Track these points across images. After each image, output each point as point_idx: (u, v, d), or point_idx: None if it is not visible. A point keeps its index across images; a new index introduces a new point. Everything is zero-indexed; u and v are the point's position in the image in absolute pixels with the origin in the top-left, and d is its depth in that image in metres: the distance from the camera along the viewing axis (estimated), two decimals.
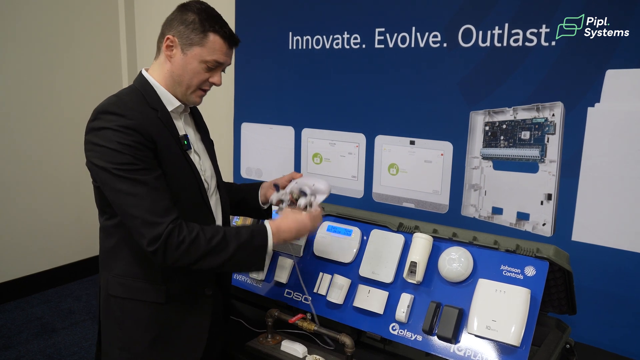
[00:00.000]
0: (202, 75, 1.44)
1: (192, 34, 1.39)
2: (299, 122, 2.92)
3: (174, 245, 1.30)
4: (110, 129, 1.30)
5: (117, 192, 1.31)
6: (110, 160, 1.30)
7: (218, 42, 1.41)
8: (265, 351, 1.62)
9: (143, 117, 1.36)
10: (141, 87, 1.44)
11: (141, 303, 1.45)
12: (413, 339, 1.54)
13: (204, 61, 1.41)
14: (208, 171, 1.57)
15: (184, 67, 1.42)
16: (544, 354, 1.54)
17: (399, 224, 1.72)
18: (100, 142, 1.31)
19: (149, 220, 1.29)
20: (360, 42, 2.60)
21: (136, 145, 1.31)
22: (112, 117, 1.32)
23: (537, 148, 2.14)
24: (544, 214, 2.16)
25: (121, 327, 1.47)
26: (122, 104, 1.36)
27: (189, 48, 1.40)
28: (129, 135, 1.30)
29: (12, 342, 3.15)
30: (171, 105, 1.46)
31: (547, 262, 1.47)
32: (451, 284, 1.56)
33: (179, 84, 1.44)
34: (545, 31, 2.08)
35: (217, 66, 1.45)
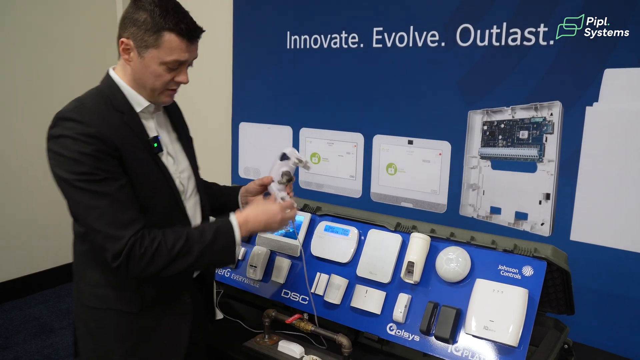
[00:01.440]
0: (165, 77, 1.34)
1: (145, 35, 1.28)
2: (297, 121, 2.91)
3: (136, 258, 1.25)
4: (69, 137, 1.24)
5: (78, 204, 1.27)
6: (70, 170, 1.24)
7: (174, 41, 1.29)
8: (262, 351, 1.61)
9: (105, 123, 1.28)
10: (107, 88, 1.36)
11: (115, 312, 1.39)
12: (410, 339, 1.54)
13: (163, 63, 1.31)
14: (185, 172, 1.50)
15: (144, 71, 1.32)
16: (542, 354, 1.54)
17: (396, 224, 1.72)
18: (59, 151, 1.25)
19: (111, 234, 1.24)
20: (358, 42, 2.60)
21: (97, 155, 1.23)
22: (71, 124, 1.25)
23: (536, 147, 2.14)
24: (543, 213, 2.15)
25: (95, 338, 1.42)
26: (83, 109, 1.29)
27: (144, 51, 1.30)
28: (89, 144, 1.23)
29: (10, 342, 3.14)
30: (139, 106, 1.37)
31: (545, 262, 1.46)
32: (449, 284, 1.55)
33: (143, 87, 1.36)
34: (543, 30, 2.07)
35: (180, 65, 1.35)
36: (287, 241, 1.83)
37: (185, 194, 1.48)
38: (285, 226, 1.50)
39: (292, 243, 1.83)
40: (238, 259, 1.43)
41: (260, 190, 1.68)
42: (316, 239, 1.80)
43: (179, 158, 1.50)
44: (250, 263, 1.87)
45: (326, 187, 2.84)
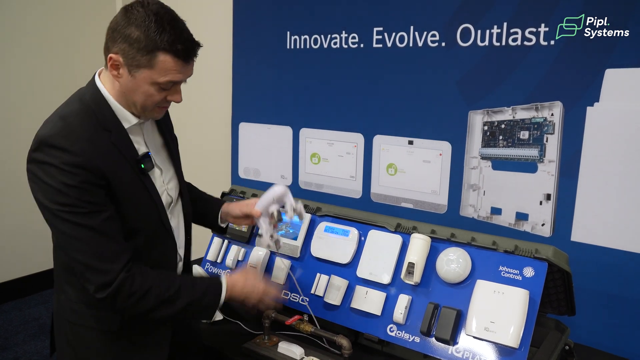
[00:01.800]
0: (157, 97, 1.26)
1: (137, 54, 1.19)
2: (297, 122, 2.90)
3: (124, 296, 1.23)
4: (54, 166, 1.16)
5: (61, 233, 1.22)
6: (53, 200, 1.18)
7: (169, 62, 1.21)
8: (262, 353, 1.61)
9: (93, 148, 1.20)
10: (94, 103, 1.27)
11: (94, 330, 1.37)
12: (411, 341, 1.53)
13: (155, 83, 1.23)
14: (172, 182, 1.46)
15: (135, 90, 1.24)
16: (543, 355, 1.53)
17: (396, 225, 1.71)
18: (43, 178, 1.18)
19: (95, 266, 1.20)
20: (358, 42, 2.59)
21: (82, 186, 1.17)
22: (56, 152, 1.17)
23: (536, 148, 2.13)
24: (543, 214, 2.14)
25: (75, 350, 1.40)
26: (69, 134, 1.19)
27: (136, 70, 1.21)
28: (75, 175, 1.16)
29: (9, 342, 3.13)
30: (128, 123, 1.30)
31: (546, 263, 1.46)
32: (449, 285, 1.55)
33: (134, 104, 1.28)
34: (544, 30, 2.06)
35: (173, 85, 1.28)
36: (286, 242, 1.83)
37: (171, 205, 1.46)
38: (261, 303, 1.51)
39: (292, 244, 1.82)
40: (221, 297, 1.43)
41: (242, 218, 1.63)
42: (316, 239, 1.80)
43: (166, 167, 1.46)
44: (250, 264, 1.87)
45: (326, 188, 2.83)
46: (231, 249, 1.97)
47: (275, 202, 1.56)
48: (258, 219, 1.57)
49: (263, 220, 1.57)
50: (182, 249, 1.53)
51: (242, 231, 1.97)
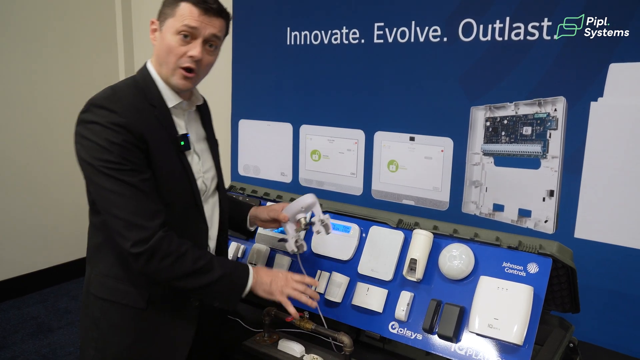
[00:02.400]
0: (177, 49, 1.32)
1: (166, 8, 1.33)
2: (297, 118, 2.88)
3: (161, 254, 1.26)
4: (100, 124, 1.25)
5: (101, 189, 1.27)
6: (97, 157, 1.25)
7: (187, 8, 1.31)
8: (262, 350, 1.58)
9: (137, 115, 1.29)
10: (142, 80, 1.37)
11: (121, 306, 1.39)
12: (413, 338, 1.51)
13: (176, 31, 1.31)
14: (210, 172, 1.50)
15: (162, 44, 1.34)
16: (547, 353, 1.51)
17: (398, 221, 1.69)
18: (88, 136, 1.26)
19: (133, 222, 1.24)
20: (359, 37, 2.57)
21: (125, 145, 1.25)
22: (103, 112, 1.26)
23: (539, 144, 2.11)
24: (546, 210, 2.12)
25: (98, 327, 1.41)
26: (116, 99, 1.29)
27: (164, 24, 1.34)
28: (119, 134, 1.24)
29: (7, 341, 3.11)
30: (171, 102, 1.38)
31: (550, 259, 1.43)
32: (452, 282, 1.52)
33: (163, 64, 1.35)
34: (547, 25, 2.04)
35: (193, 35, 1.32)
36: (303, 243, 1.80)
37: (206, 194, 1.48)
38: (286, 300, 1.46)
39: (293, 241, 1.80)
40: None
41: (270, 221, 1.67)
42: (317, 236, 1.77)
43: (204, 157, 1.50)
44: (249, 260, 1.85)
45: (327, 185, 2.81)
46: (231, 245, 1.95)
47: (303, 210, 1.59)
48: (285, 223, 1.61)
49: (290, 226, 1.61)
50: (214, 241, 1.53)
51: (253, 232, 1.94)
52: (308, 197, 1.59)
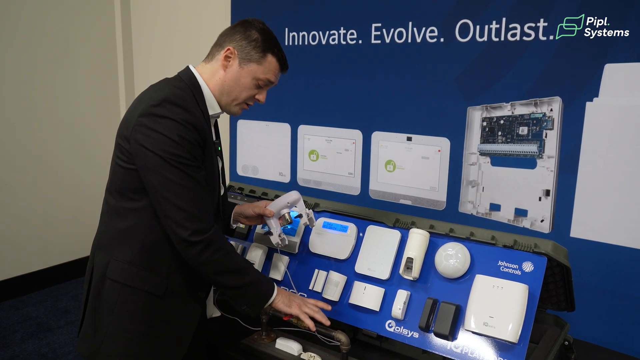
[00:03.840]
0: (251, 91, 1.49)
1: (252, 50, 1.45)
2: (295, 118, 2.89)
3: (214, 247, 1.37)
4: (174, 120, 1.33)
5: (167, 180, 1.33)
6: (167, 150, 1.32)
7: (274, 64, 1.48)
8: (260, 349, 1.60)
9: (200, 116, 1.40)
10: (192, 86, 1.46)
11: (140, 292, 1.43)
12: (409, 336, 1.52)
13: (257, 78, 1.47)
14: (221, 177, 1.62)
15: (237, 80, 1.46)
16: (542, 351, 1.52)
17: (395, 220, 1.70)
18: (159, 130, 1.32)
19: (195, 213, 1.34)
20: (356, 38, 2.58)
21: (194, 143, 1.35)
22: (177, 109, 1.34)
23: (535, 144, 2.12)
24: (542, 210, 2.14)
25: (112, 313, 1.44)
26: (185, 99, 1.39)
27: (246, 63, 1.45)
28: (190, 132, 1.34)
29: (7, 341, 3.12)
30: (212, 111, 1.49)
31: (545, 258, 1.45)
32: (448, 280, 1.54)
33: (228, 94, 1.48)
34: (543, 25, 2.06)
35: (266, 85, 1.51)
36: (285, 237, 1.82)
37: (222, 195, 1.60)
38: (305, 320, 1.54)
39: (290, 240, 1.81)
40: None
41: (254, 218, 1.74)
42: (314, 235, 1.79)
43: (220, 163, 1.61)
44: (247, 259, 1.86)
45: (324, 185, 2.82)
46: None
47: (288, 206, 1.69)
48: (270, 218, 1.69)
49: (274, 221, 1.69)
50: None
51: (241, 228, 1.96)
52: (293, 194, 1.68)
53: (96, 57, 4.02)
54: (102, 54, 4.05)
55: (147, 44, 4.04)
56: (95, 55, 4.01)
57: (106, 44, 4.08)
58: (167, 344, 1.48)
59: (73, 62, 3.88)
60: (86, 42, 3.94)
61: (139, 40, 4.12)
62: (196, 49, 3.34)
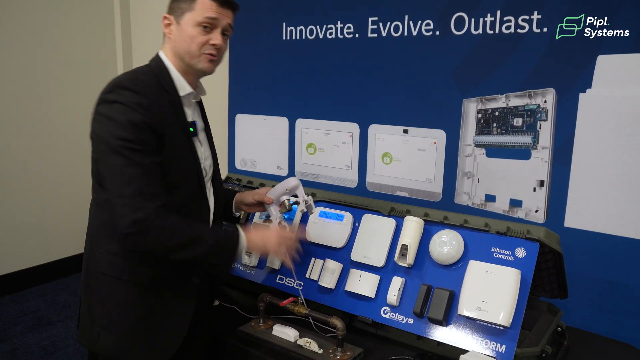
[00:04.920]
0: (200, 38, 1.42)
1: (181, 3, 1.42)
2: (293, 112, 2.92)
3: (155, 231, 1.30)
4: (123, 104, 1.31)
5: (112, 167, 1.31)
6: (115, 135, 1.29)
7: (206, 2, 1.41)
8: (257, 335, 1.62)
9: (156, 98, 1.37)
10: (157, 67, 1.45)
11: (127, 283, 1.42)
12: (404, 322, 1.55)
13: (197, 23, 1.41)
14: (208, 160, 1.57)
15: (182, 37, 1.42)
16: (535, 336, 1.54)
17: (390, 209, 1.72)
18: (109, 115, 1.31)
19: (134, 202, 1.28)
20: (353, 32, 2.60)
21: (143, 126, 1.31)
22: (127, 92, 1.33)
23: (530, 135, 2.14)
24: (537, 200, 2.16)
25: (105, 306, 1.44)
26: (139, 81, 1.37)
27: (181, 18, 1.42)
28: (139, 114, 1.31)
29: (8, 334, 3.14)
30: (183, 91, 1.46)
31: (537, 244, 1.47)
32: (442, 267, 1.56)
33: (183, 54, 1.44)
34: (537, 18, 2.08)
35: (213, 25, 1.43)
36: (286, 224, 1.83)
37: (206, 179, 1.54)
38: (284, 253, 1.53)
39: None
40: None
41: (255, 205, 1.72)
42: (311, 224, 1.81)
43: (205, 145, 1.57)
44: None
45: (322, 178, 2.84)
46: None
47: (287, 193, 1.65)
48: (269, 205, 1.67)
49: (274, 207, 1.67)
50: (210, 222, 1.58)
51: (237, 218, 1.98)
52: (292, 180, 1.66)
53: (95, 53, 4.03)
54: (101, 50, 4.07)
55: (146, 41, 4.06)
56: (94, 51, 4.02)
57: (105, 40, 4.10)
58: (162, 333, 1.47)
59: (72, 58, 3.89)
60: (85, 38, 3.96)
61: (138, 36, 4.14)
62: None
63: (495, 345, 1.40)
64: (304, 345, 1.56)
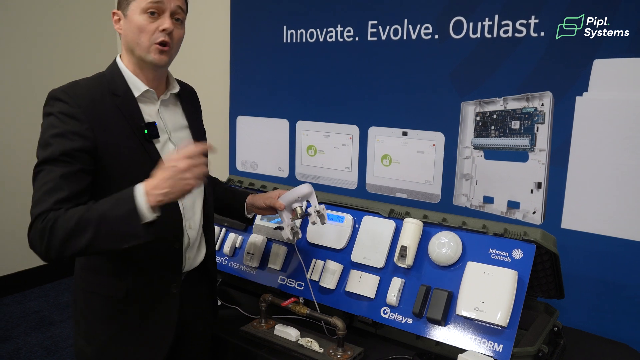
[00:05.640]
0: (148, 26, 1.35)
1: None
2: (293, 114, 2.94)
3: (36, 236, 1.20)
4: (53, 114, 1.28)
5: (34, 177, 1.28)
6: (39, 149, 1.27)
7: None
8: (259, 335, 1.65)
9: (91, 105, 1.30)
10: (109, 72, 1.41)
11: (103, 297, 1.41)
12: (404, 322, 1.58)
13: (142, 10, 1.34)
14: None
15: (130, 29, 1.36)
16: (532, 336, 1.57)
17: (390, 210, 1.75)
18: (43, 127, 1.30)
19: (36, 201, 1.23)
20: (353, 35, 2.63)
21: (67, 134, 1.25)
22: (58, 103, 1.29)
23: (527, 137, 2.17)
24: (534, 202, 2.19)
25: (86, 319, 1.45)
26: (73, 90, 1.32)
27: (127, 9, 1.37)
28: (66, 124, 1.26)
29: (10, 334, 3.17)
30: (138, 91, 1.40)
31: (534, 245, 1.50)
32: (441, 268, 1.59)
33: (134, 48, 1.37)
34: (534, 22, 2.10)
35: (160, 10, 1.36)
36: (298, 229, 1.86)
37: None
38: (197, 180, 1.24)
39: None
40: None
41: (266, 209, 1.70)
42: (312, 226, 1.84)
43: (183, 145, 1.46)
44: (247, 250, 1.91)
45: (322, 179, 2.87)
46: (229, 236, 2.01)
47: (299, 200, 1.63)
48: (281, 212, 1.65)
49: (286, 214, 1.65)
50: (195, 231, 1.51)
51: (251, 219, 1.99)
52: (304, 187, 1.63)
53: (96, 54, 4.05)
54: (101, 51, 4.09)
55: None
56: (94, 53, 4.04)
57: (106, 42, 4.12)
58: (145, 344, 1.44)
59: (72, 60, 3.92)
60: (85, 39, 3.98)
61: None
62: (196, 48, 3.39)
63: (493, 344, 1.43)
64: (305, 344, 1.59)
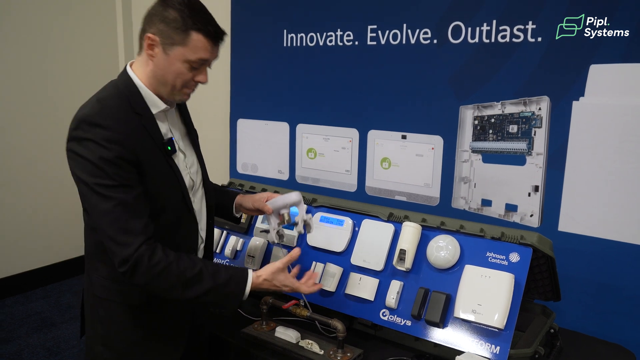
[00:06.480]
0: (186, 75, 1.36)
1: (173, 33, 1.30)
2: (293, 118, 2.97)
3: (143, 268, 1.27)
4: (93, 141, 1.26)
5: (93, 207, 1.30)
6: (91, 174, 1.27)
7: (201, 41, 1.32)
8: (260, 337, 1.67)
9: (127, 128, 1.30)
10: (125, 88, 1.37)
11: (124, 306, 1.45)
12: (402, 324, 1.60)
13: (187, 61, 1.33)
14: (194, 167, 1.54)
15: (167, 68, 1.34)
16: (529, 338, 1.59)
17: (389, 214, 1.78)
18: (82, 153, 1.27)
19: (120, 240, 1.27)
20: (353, 39, 2.66)
21: (118, 162, 1.26)
22: (95, 129, 1.26)
23: (525, 141, 2.20)
24: (532, 205, 2.21)
25: (104, 326, 1.48)
26: (106, 113, 1.30)
27: (170, 48, 1.32)
28: (112, 151, 1.25)
29: (13, 335, 3.19)
30: (156, 108, 1.39)
31: (530, 249, 1.52)
32: (439, 271, 1.61)
33: (163, 84, 1.37)
34: (531, 27, 2.13)
35: (202, 64, 1.37)
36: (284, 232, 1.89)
37: (193, 189, 1.52)
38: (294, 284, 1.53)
39: (289, 234, 1.88)
40: None
41: (254, 211, 1.73)
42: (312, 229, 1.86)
43: (189, 152, 1.54)
44: (248, 253, 1.93)
45: (322, 182, 2.90)
46: (230, 239, 2.04)
47: (288, 206, 1.66)
48: (269, 216, 1.67)
49: (272, 218, 1.68)
50: (204, 231, 1.60)
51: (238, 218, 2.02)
52: (293, 195, 1.66)
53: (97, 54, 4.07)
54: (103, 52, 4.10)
55: None
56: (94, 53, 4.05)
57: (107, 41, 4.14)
58: (161, 347, 1.51)
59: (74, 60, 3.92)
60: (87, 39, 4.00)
61: None
62: None
63: (490, 346, 1.45)
64: (306, 346, 1.61)
